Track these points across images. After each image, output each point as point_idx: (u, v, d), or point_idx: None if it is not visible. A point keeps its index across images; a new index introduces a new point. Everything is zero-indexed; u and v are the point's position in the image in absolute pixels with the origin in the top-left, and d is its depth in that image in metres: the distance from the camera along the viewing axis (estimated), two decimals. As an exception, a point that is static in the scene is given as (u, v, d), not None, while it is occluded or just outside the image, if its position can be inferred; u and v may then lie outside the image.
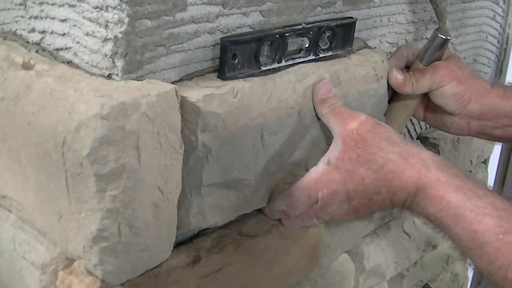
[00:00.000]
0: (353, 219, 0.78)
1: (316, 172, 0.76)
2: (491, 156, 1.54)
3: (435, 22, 1.09)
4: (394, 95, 0.96)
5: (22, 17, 0.71)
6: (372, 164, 0.72)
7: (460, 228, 0.67)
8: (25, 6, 0.70)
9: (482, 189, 0.69)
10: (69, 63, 0.67)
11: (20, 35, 0.73)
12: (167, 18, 0.63)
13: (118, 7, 0.59)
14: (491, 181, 1.59)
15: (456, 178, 0.69)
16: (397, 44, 1.02)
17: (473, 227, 0.65)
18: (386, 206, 0.74)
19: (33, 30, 0.70)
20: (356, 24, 0.87)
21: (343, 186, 0.74)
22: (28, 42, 0.72)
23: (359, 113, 0.77)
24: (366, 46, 0.94)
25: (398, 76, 0.90)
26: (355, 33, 0.87)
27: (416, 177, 0.70)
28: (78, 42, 0.65)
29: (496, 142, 1.45)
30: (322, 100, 0.79)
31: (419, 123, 1.20)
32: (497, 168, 1.63)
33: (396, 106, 0.96)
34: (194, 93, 0.66)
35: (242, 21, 0.72)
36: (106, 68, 0.63)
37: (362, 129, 0.74)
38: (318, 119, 0.81)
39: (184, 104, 0.64)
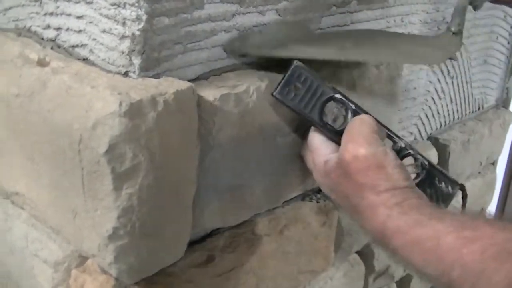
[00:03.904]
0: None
1: (319, 155, 0.74)
2: (500, 158, 1.53)
3: (447, 22, 1.08)
4: None
5: (37, 13, 0.71)
6: (347, 200, 0.70)
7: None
8: (40, 3, 0.70)
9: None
10: (85, 60, 0.66)
11: (35, 31, 0.72)
12: (185, 16, 0.63)
13: (136, 4, 0.59)
14: (499, 182, 1.58)
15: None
16: (409, 44, 1.01)
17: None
18: None
19: (48, 26, 0.70)
20: (370, 23, 0.86)
21: (327, 190, 0.75)
22: (43, 39, 0.71)
23: (361, 143, 0.69)
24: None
25: None
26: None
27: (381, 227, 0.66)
28: (94, 39, 0.64)
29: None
30: None
31: (430, 123, 1.19)
32: (505, 170, 1.62)
33: None
34: (211, 92, 0.65)
35: (259, 19, 0.71)
36: (123, 66, 0.62)
37: (353, 165, 0.69)
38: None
39: (200, 103, 0.64)
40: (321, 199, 0.89)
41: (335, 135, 0.72)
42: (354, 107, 0.73)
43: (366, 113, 0.74)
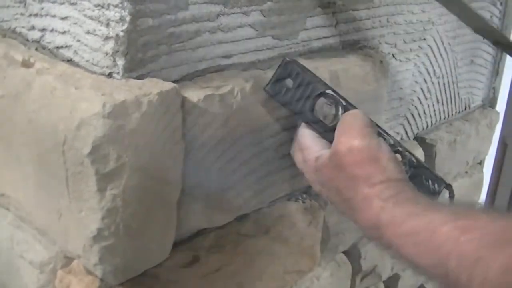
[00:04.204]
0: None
1: (310, 152, 0.74)
2: (487, 157, 1.54)
3: (433, 23, 1.09)
4: None
5: (22, 14, 0.71)
6: (340, 194, 0.70)
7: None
8: (25, 4, 0.70)
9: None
10: (69, 61, 0.66)
11: (20, 32, 0.72)
12: (169, 17, 0.63)
13: (120, 5, 0.59)
14: (486, 182, 1.59)
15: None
16: (395, 45, 1.02)
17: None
18: None
19: (32, 27, 0.70)
20: (355, 24, 0.86)
21: (318, 186, 0.74)
22: (27, 40, 0.71)
23: (355, 136, 0.69)
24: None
25: None
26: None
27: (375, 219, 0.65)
28: (78, 40, 0.64)
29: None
30: None
31: (416, 123, 1.20)
32: (492, 169, 1.63)
33: None
34: (195, 93, 0.65)
35: (243, 20, 0.71)
36: (107, 67, 0.62)
37: (347, 158, 0.68)
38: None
39: (184, 104, 0.64)
40: (307, 199, 0.89)
41: (326, 132, 0.73)
42: (345, 103, 0.73)
43: (357, 108, 0.74)
